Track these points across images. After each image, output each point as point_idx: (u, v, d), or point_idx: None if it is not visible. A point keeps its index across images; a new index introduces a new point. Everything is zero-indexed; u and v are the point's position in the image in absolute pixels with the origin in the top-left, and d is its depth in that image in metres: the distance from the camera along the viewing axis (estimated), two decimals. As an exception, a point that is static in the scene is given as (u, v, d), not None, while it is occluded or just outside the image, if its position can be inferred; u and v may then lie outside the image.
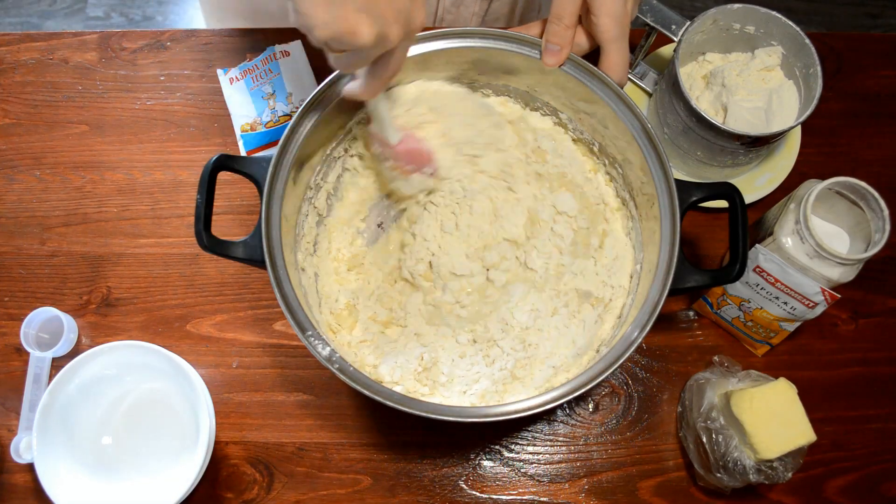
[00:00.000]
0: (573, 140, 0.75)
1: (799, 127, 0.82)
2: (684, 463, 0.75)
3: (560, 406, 0.74)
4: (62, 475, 0.70)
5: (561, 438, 0.76)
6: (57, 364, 0.76)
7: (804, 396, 0.68)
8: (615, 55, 0.65)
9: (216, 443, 0.74)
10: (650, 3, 0.75)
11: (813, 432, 0.67)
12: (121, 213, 0.83)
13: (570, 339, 0.69)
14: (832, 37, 0.91)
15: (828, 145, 0.86)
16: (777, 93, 0.75)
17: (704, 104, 0.77)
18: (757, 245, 0.70)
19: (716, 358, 0.75)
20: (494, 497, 0.75)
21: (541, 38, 0.67)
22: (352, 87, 0.62)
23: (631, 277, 0.71)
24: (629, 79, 0.84)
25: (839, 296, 0.68)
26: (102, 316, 0.80)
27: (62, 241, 0.82)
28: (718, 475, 0.69)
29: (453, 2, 0.92)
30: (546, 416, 0.77)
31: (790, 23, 0.73)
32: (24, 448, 0.72)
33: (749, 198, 0.78)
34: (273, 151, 0.63)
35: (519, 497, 0.75)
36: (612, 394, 0.78)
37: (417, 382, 0.68)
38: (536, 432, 0.76)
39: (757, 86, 0.76)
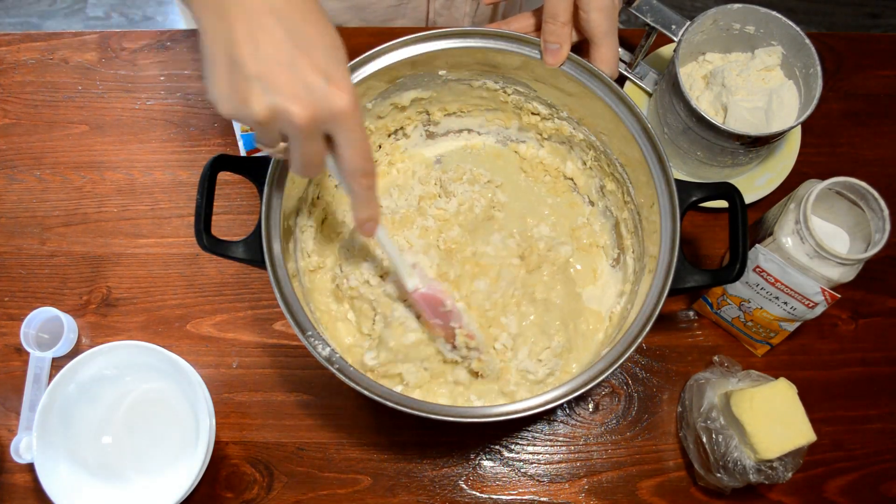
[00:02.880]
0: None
1: (799, 127, 0.82)
2: (684, 463, 0.75)
3: (560, 406, 0.74)
4: (62, 475, 0.70)
5: (561, 438, 0.76)
6: (57, 364, 0.76)
7: (804, 396, 0.68)
8: (607, 49, 0.65)
9: (216, 443, 0.74)
10: (650, 3, 0.75)
11: (813, 432, 0.67)
12: (121, 213, 0.83)
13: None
14: (832, 37, 0.91)
15: (828, 145, 0.86)
16: (777, 93, 0.75)
17: (704, 104, 0.78)
18: (757, 245, 0.70)
19: (716, 358, 0.75)
20: (494, 497, 0.75)
21: (527, 32, 0.67)
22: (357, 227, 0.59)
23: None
24: (629, 79, 0.84)
25: (839, 296, 0.68)
26: (102, 316, 0.80)
27: (62, 241, 0.82)
28: (718, 475, 0.69)
29: (443, 4, 0.92)
30: (546, 416, 0.77)
31: (790, 23, 0.73)
32: (24, 448, 0.72)
33: (749, 198, 0.78)
34: (273, 151, 0.63)
35: (519, 497, 0.75)
36: (612, 394, 0.78)
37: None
38: (536, 432, 0.76)
39: (757, 86, 0.76)
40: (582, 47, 0.68)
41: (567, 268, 0.75)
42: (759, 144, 0.73)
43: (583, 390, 0.58)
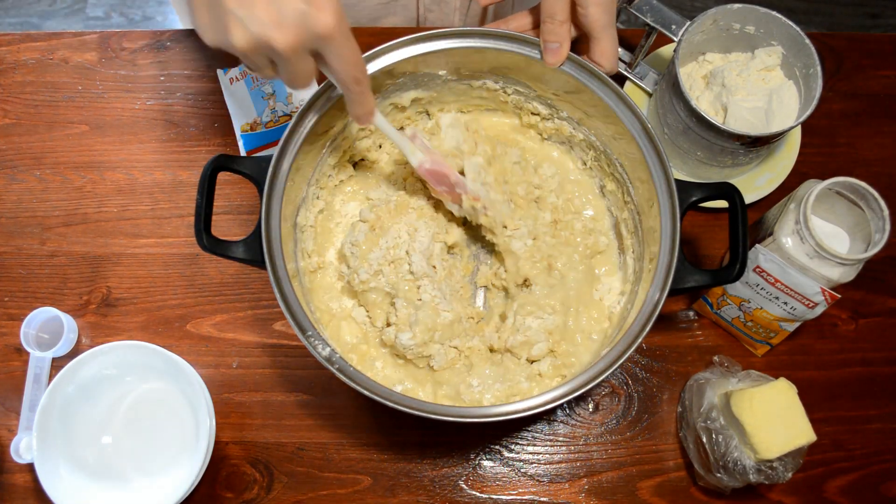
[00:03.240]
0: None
1: (799, 127, 0.82)
2: (684, 463, 0.75)
3: (560, 406, 0.74)
4: (62, 475, 0.70)
5: (561, 438, 0.76)
6: (57, 364, 0.76)
7: (804, 396, 0.68)
8: (606, 43, 0.66)
9: (216, 443, 0.74)
10: (650, 3, 0.75)
11: (813, 432, 0.67)
12: (121, 213, 0.83)
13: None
14: (832, 37, 0.91)
15: (828, 145, 0.86)
16: (777, 93, 0.75)
17: (704, 104, 0.78)
18: (757, 245, 0.70)
19: (716, 358, 0.75)
20: (494, 497, 0.75)
21: (525, 31, 0.67)
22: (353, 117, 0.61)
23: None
24: (629, 79, 0.84)
25: (839, 296, 0.68)
26: (102, 316, 0.80)
27: (62, 241, 0.82)
28: (718, 475, 0.69)
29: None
30: (546, 416, 0.77)
31: (790, 23, 0.73)
32: (24, 448, 0.72)
33: (749, 198, 0.78)
34: (273, 151, 0.63)
35: (519, 497, 0.75)
36: (612, 394, 0.78)
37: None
38: (536, 432, 0.76)
39: (757, 86, 0.76)
40: (580, 44, 0.68)
41: (593, 260, 0.75)
42: (759, 144, 0.73)
43: (583, 390, 0.58)
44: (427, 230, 0.70)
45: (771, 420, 0.66)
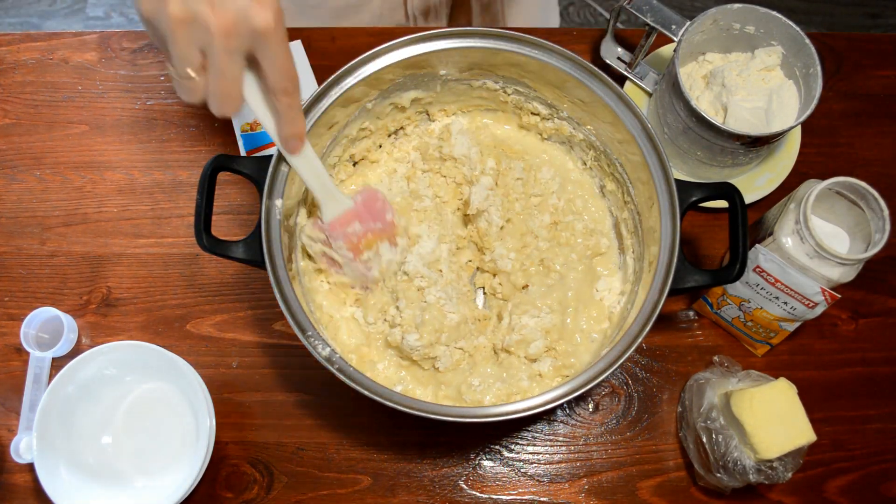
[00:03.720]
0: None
1: (799, 127, 0.82)
2: (684, 463, 0.75)
3: (560, 406, 0.74)
4: (62, 475, 0.70)
5: (561, 438, 0.76)
6: (57, 364, 0.76)
7: (804, 396, 0.68)
8: None
9: (216, 443, 0.74)
10: (650, 3, 0.75)
11: (813, 432, 0.67)
12: (121, 213, 0.83)
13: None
14: (832, 37, 0.91)
15: (828, 145, 0.86)
16: (777, 93, 0.75)
17: (704, 104, 0.78)
18: (757, 245, 0.70)
19: (716, 358, 0.75)
20: (494, 497, 0.75)
21: None
22: (281, 146, 0.59)
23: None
24: (629, 79, 0.84)
25: (839, 296, 0.68)
26: (102, 316, 0.80)
27: (62, 241, 0.82)
28: (718, 475, 0.69)
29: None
30: (546, 416, 0.77)
31: (790, 23, 0.73)
32: (24, 448, 0.72)
33: (749, 198, 0.78)
34: (273, 151, 0.63)
35: (519, 497, 0.75)
36: (612, 394, 0.78)
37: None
38: (536, 432, 0.76)
39: (757, 86, 0.76)
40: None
41: (594, 260, 0.75)
42: (759, 144, 0.73)
43: (583, 390, 0.58)
44: (432, 233, 0.70)
45: (771, 420, 0.66)
